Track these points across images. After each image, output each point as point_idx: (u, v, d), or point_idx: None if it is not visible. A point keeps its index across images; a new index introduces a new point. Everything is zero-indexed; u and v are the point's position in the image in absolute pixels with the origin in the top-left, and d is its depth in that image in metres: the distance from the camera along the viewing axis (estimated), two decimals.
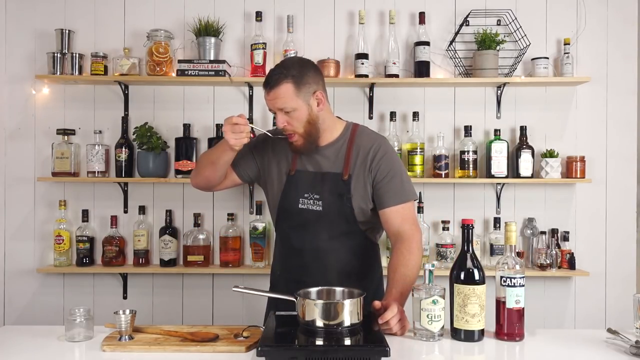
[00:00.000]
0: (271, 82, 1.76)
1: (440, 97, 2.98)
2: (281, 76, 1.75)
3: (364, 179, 1.83)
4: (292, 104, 1.76)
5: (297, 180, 1.86)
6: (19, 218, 2.96)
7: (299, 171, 1.86)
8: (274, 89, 1.75)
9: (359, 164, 1.83)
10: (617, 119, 2.98)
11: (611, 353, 1.45)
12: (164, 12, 2.97)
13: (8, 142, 2.96)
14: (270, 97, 1.77)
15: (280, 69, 1.77)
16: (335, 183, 1.82)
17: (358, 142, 1.86)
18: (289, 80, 1.75)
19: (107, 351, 1.44)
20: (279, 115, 1.78)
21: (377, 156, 1.84)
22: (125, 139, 2.91)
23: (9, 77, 2.96)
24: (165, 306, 2.97)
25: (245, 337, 1.51)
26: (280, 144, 1.91)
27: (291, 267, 1.89)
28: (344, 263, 1.84)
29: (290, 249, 1.89)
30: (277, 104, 1.76)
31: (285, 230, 1.90)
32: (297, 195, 1.84)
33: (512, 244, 1.57)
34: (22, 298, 2.96)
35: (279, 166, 1.91)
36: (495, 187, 2.96)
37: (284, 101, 1.75)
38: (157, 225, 2.93)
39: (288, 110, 1.76)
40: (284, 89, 1.74)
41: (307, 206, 1.83)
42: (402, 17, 2.97)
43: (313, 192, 1.83)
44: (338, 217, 1.82)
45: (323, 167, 1.85)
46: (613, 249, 2.97)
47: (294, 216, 1.85)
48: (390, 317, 1.53)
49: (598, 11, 2.97)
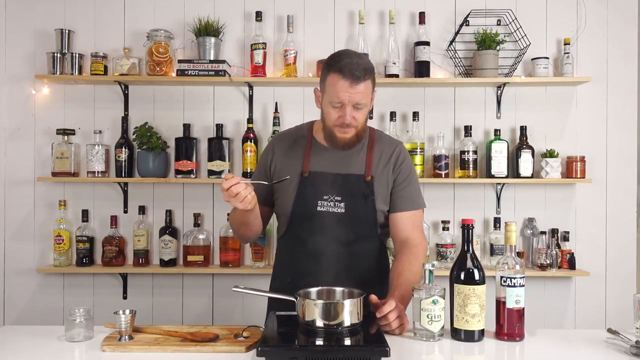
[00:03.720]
0: (359, 76, 1.67)
1: (440, 97, 2.98)
2: (366, 72, 1.69)
3: (386, 180, 1.81)
4: (367, 101, 1.72)
5: (313, 182, 1.79)
6: (19, 218, 2.96)
7: (314, 172, 1.80)
8: (360, 83, 1.67)
9: (381, 165, 1.81)
10: (617, 119, 2.98)
11: (611, 353, 1.45)
12: (164, 12, 2.97)
13: (8, 142, 2.96)
14: (352, 91, 1.67)
15: (363, 64, 1.69)
16: (358, 184, 1.78)
17: (379, 144, 1.85)
18: (370, 77, 1.71)
19: (107, 351, 1.44)
20: (347, 108, 1.69)
21: (399, 159, 1.83)
22: (125, 139, 2.91)
23: (9, 77, 2.96)
24: (165, 306, 2.97)
25: (245, 337, 1.50)
26: (290, 146, 1.87)
27: (306, 274, 1.75)
28: (363, 269, 1.79)
29: (305, 255, 1.78)
30: (356, 98, 1.68)
31: (300, 235, 1.80)
32: (315, 198, 1.77)
33: (512, 244, 1.56)
34: (22, 298, 2.95)
35: (290, 167, 1.83)
36: (495, 187, 2.96)
37: (363, 96, 1.69)
38: (157, 225, 2.93)
39: (361, 107, 1.70)
40: (366, 85, 1.69)
41: (326, 208, 1.77)
42: (402, 17, 2.97)
43: (333, 194, 1.77)
44: (360, 219, 1.78)
45: (343, 168, 1.80)
46: (613, 249, 2.97)
47: (311, 219, 1.77)
48: (389, 311, 1.52)
49: (598, 11, 2.97)
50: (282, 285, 1.84)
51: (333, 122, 1.73)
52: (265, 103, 2.97)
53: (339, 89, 1.67)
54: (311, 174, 1.79)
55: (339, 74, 1.67)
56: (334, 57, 1.73)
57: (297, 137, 1.89)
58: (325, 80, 1.72)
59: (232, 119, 2.98)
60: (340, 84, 1.67)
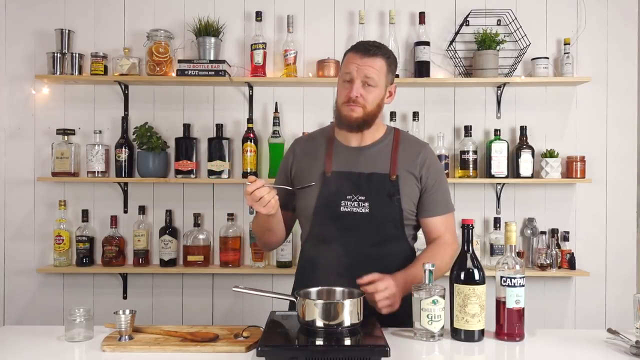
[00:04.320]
0: (371, 49, 1.71)
1: (440, 97, 2.98)
2: (380, 50, 1.73)
3: (412, 180, 1.76)
4: (378, 80, 1.71)
5: (336, 182, 1.74)
6: (19, 218, 2.96)
7: (336, 172, 1.75)
8: (371, 57, 1.70)
9: (407, 165, 1.77)
10: (617, 119, 2.98)
11: (611, 353, 1.45)
12: (164, 12, 2.97)
13: (8, 142, 2.96)
14: (362, 63, 1.69)
15: (378, 44, 1.75)
16: (383, 183, 1.73)
17: (404, 144, 1.81)
18: (385, 58, 1.73)
19: (107, 351, 1.43)
20: (357, 83, 1.69)
21: (427, 162, 1.79)
22: (125, 139, 2.91)
23: (9, 77, 2.96)
24: (165, 306, 2.97)
25: (245, 337, 1.50)
26: (311, 148, 1.84)
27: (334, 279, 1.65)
28: (392, 270, 1.67)
29: (331, 257, 1.70)
30: (366, 71, 1.69)
31: (324, 237, 1.73)
32: (338, 198, 1.72)
33: (512, 244, 1.56)
34: (22, 298, 2.96)
35: (311, 168, 1.79)
36: (495, 187, 2.96)
37: (374, 72, 1.70)
38: (157, 225, 2.93)
39: (371, 84, 1.70)
40: (380, 63, 1.71)
41: (350, 209, 1.71)
42: (402, 17, 2.97)
43: (357, 194, 1.72)
44: (386, 219, 1.73)
45: (367, 167, 1.75)
46: (613, 249, 2.97)
47: (335, 220, 1.72)
48: (378, 279, 1.54)
49: (598, 11, 2.97)
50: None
51: (342, 99, 1.73)
52: (265, 103, 2.97)
53: (349, 61, 1.73)
54: (334, 173, 1.75)
55: (352, 50, 1.75)
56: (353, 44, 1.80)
57: (318, 139, 1.86)
58: (342, 62, 1.77)
59: (232, 119, 2.98)
60: (351, 56, 1.73)
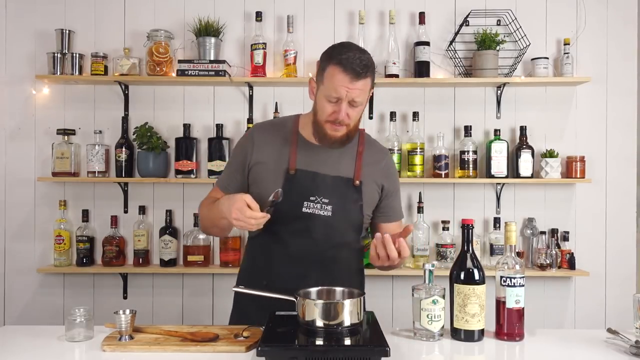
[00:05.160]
0: (360, 72, 1.58)
1: (440, 97, 2.98)
2: (368, 69, 1.60)
3: (373, 187, 1.76)
4: (363, 99, 1.63)
5: (300, 181, 1.68)
6: (19, 218, 2.96)
7: (301, 171, 1.69)
8: (361, 80, 1.59)
9: (370, 171, 1.75)
10: (617, 119, 2.98)
11: (611, 353, 1.45)
12: (164, 12, 2.97)
13: (8, 142, 2.96)
14: (351, 86, 1.58)
15: (365, 60, 1.60)
16: (347, 188, 1.70)
17: (368, 149, 1.78)
18: (371, 75, 1.62)
19: (107, 351, 1.43)
20: (343, 104, 1.60)
21: (389, 170, 1.80)
22: (125, 139, 2.91)
23: (9, 77, 2.96)
24: (165, 306, 2.97)
25: (245, 337, 1.50)
26: (273, 137, 1.75)
27: (288, 278, 1.67)
28: (344, 274, 1.72)
29: (286, 257, 1.70)
30: (354, 95, 1.59)
31: (281, 236, 1.70)
32: (301, 198, 1.67)
33: (512, 244, 1.56)
34: (22, 298, 2.96)
35: (273, 161, 1.71)
36: (495, 187, 2.96)
37: (361, 93, 1.61)
38: (157, 225, 2.93)
39: (357, 104, 1.62)
40: (365, 83, 1.61)
41: (313, 210, 1.67)
42: (402, 17, 2.97)
43: (321, 196, 1.67)
44: (347, 224, 1.71)
45: (332, 169, 1.71)
46: (613, 249, 2.97)
47: (295, 221, 1.68)
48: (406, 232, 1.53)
49: (598, 11, 2.97)
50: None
51: (326, 117, 1.63)
52: (265, 103, 2.97)
53: (338, 83, 1.58)
54: (298, 172, 1.69)
55: (340, 67, 1.58)
56: (336, 48, 1.65)
57: (281, 130, 1.77)
58: (325, 71, 1.63)
59: (232, 119, 2.98)
60: (340, 78, 1.58)
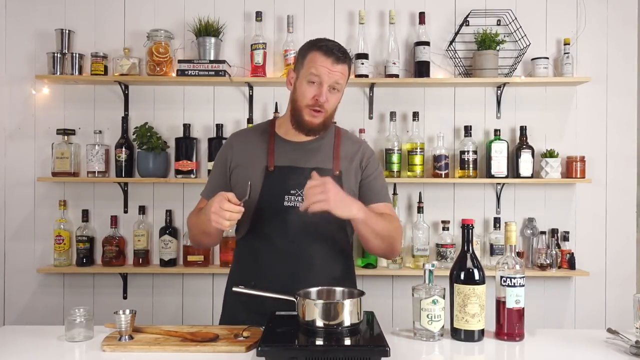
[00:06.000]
0: (341, 57, 1.68)
1: (440, 97, 2.98)
2: (346, 55, 1.70)
3: (353, 175, 1.78)
4: (343, 85, 1.72)
5: (279, 176, 1.73)
6: (19, 218, 2.96)
7: (279, 167, 1.74)
8: (340, 64, 1.68)
9: (348, 161, 1.79)
10: (617, 119, 2.98)
11: (611, 353, 1.45)
12: (164, 12, 2.97)
13: (8, 142, 2.96)
14: (334, 69, 1.67)
15: (343, 49, 1.71)
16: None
17: (344, 141, 1.84)
18: (348, 62, 1.72)
19: (107, 351, 1.43)
20: (324, 88, 1.67)
21: (366, 155, 1.82)
22: (125, 139, 2.91)
23: (9, 77, 2.96)
24: (165, 306, 2.97)
25: (245, 337, 1.50)
26: (250, 141, 1.81)
27: (275, 276, 1.68)
28: (331, 267, 1.74)
29: (273, 254, 1.72)
30: (336, 77, 1.68)
31: (266, 233, 1.73)
32: (282, 192, 1.71)
33: (512, 244, 1.56)
34: (22, 298, 2.96)
35: (252, 162, 1.77)
36: (495, 187, 2.96)
37: (341, 77, 1.70)
38: (157, 225, 2.93)
39: (337, 89, 1.70)
40: (344, 68, 1.70)
41: (294, 203, 1.70)
42: (402, 17, 2.97)
43: (302, 189, 1.65)
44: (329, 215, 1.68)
45: (310, 162, 1.75)
46: (613, 249, 2.98)
47: (277, 215, 1.71)
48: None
49: (598, 11, 2.97)
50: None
51: (306, 102, 1.69)
52: (266, 103, 2.97)
53: (319, 64, 1.66)
54: (277, 168, 1.74)
55: (321, 52, 1.67)
56: (314, 40, 1.74)
57: (258, 133, 1.84)
58: (305, 58, 1.70)
59: (232, 119, 2.98)
60: (321, 60, 1.67)
